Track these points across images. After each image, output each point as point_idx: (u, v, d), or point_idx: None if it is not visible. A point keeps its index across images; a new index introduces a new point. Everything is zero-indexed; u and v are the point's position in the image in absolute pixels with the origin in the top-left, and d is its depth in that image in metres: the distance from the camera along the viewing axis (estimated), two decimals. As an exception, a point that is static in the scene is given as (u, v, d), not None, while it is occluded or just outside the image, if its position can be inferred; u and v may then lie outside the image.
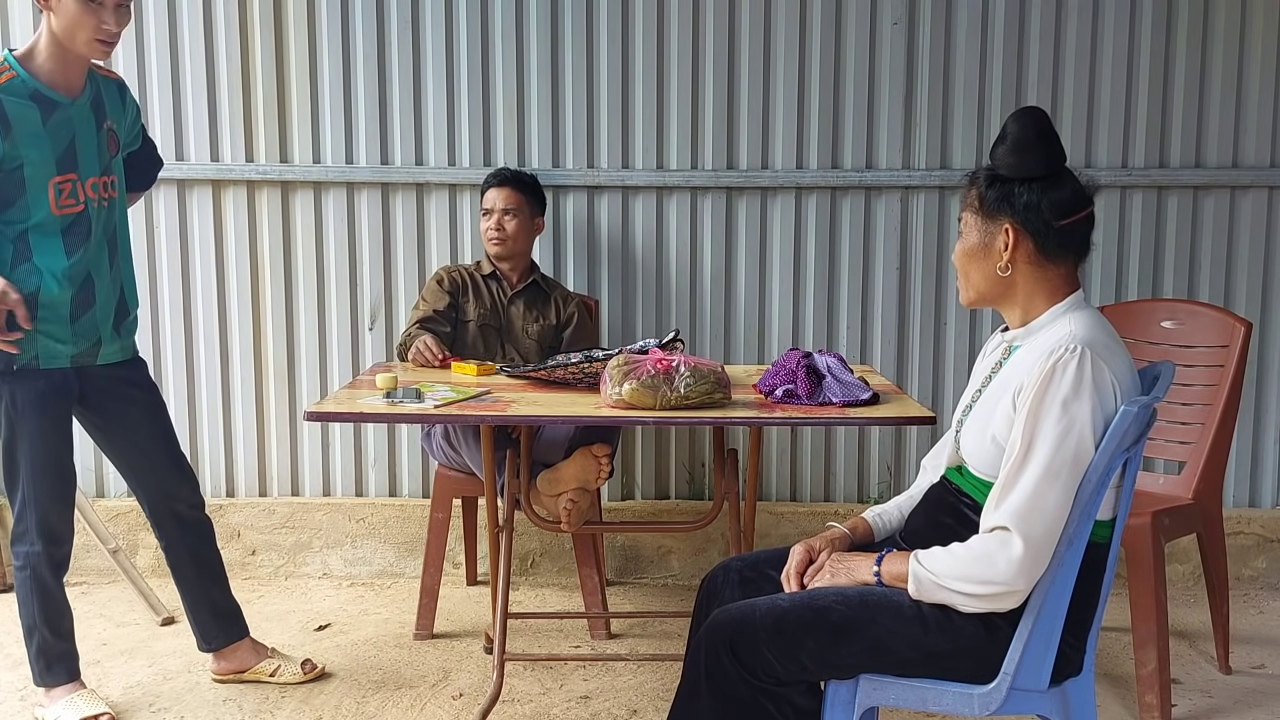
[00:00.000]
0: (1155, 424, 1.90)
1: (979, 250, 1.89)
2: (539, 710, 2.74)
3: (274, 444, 3.72)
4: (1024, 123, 1.87)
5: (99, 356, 2.63)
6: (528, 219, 3.32)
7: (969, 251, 1.91)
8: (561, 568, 3.67)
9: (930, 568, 1.79)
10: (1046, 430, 1.73)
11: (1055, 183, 1.85)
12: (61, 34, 2.45)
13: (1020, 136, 1.85)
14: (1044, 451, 1.73)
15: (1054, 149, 1.87)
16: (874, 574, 1.87)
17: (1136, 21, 3.53)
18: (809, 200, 3.61)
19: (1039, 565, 1.74)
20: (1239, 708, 2.78)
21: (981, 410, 1.90)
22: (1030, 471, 1.73)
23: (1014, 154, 1.86)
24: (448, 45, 3.58)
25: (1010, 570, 1.72)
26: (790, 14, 3.53)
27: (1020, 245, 1.85)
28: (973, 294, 1.94)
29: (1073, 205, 1.85)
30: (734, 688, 1.82)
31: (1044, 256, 1.85)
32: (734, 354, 3.67)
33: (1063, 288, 1.87)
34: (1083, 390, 1.73)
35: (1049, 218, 1.83)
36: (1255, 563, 3.64)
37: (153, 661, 3.04)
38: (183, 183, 3.62)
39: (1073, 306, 1.86)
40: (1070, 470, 1.73)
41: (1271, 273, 3.60)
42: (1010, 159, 1.86)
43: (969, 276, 1.92)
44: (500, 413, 2.42)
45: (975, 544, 1.77)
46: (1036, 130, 1.86)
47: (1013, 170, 1.86)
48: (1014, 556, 1.72)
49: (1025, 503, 1.73)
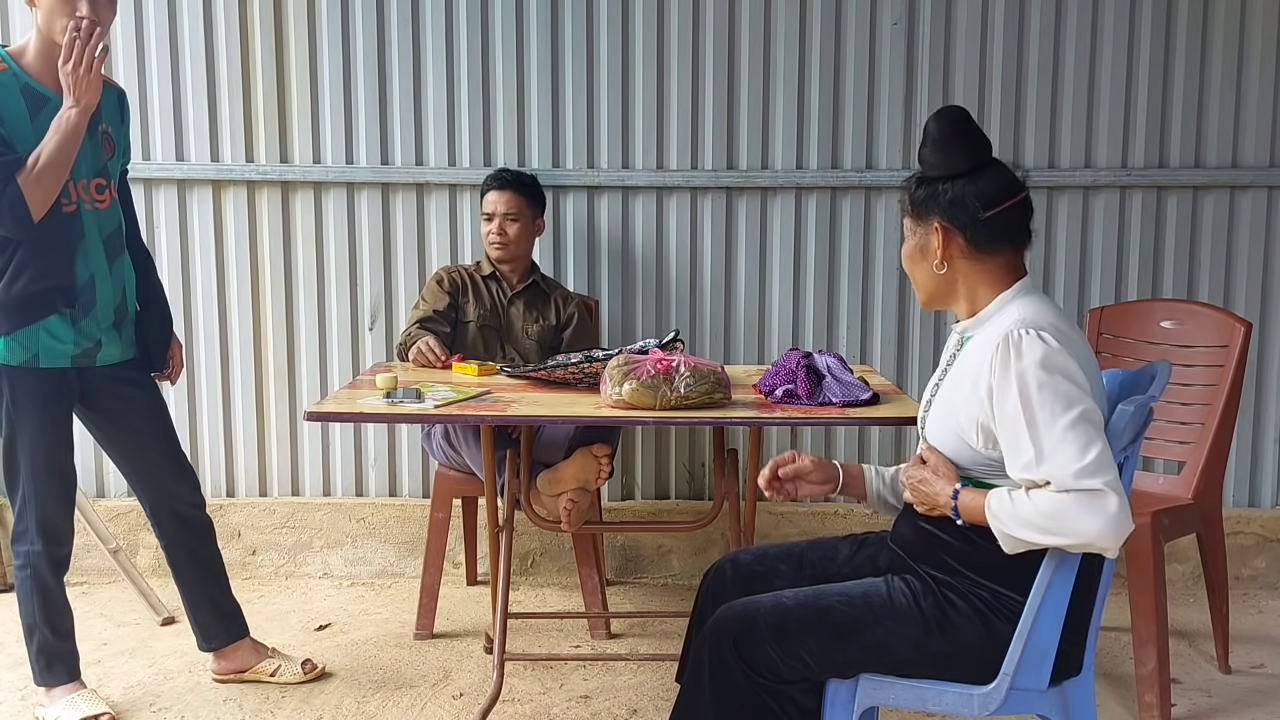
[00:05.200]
0: (1155, 424, 1.90)
1: (917, 252, 1.92)
2: (539, 710, 2.74)
3: (274, 444, 3.72)
4: (943, 121, 1.88)
5: (99, 357, 2.62)
6: (529, 222, 3.32)
7: (909, 254, 1.94)
8: (561, 567, 3.67)
9: (1005, 523, 1.74)
10: (1040, 403, 1.71)
11: (980, 175, 1.86)
12: (44, 26, 2.45)
13: (940, 135, 1.87)
14: (1061, 417, 1.70)
15: (975, 143, 1.88)
16: (953, 495, 1.82)
17: (1136, 21, 3.53)
18: (809, 200, 3.61)
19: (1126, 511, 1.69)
20: (1239, 707, 2.78)
21: (942, 406, 1.91)
22: (1057, 437, 1.69)
23: (937, 153, 1.87)
24: (448, 45, 3.58)
25: (1101, 526, 1.67)
26: (790, 14, 3.53)
27: (951, 242, 1.87)
28: (923, 295, 1.97)
29: (1000, 195, 1.85)
30: (737, 684, 1.83)
31: (977, 249, 1.86)
32: (734, 354, 3.67)
33: (1005, 277, 1.88)
34: (1050, 355, 1.73)
35: (975, 210, 1.84)
36: (1255, 562, 3.64)
37: (153, 661, 3.04)
38: (183, 183, 3.62)
39: (1018, 293, 1.87)
40: (1093, 427, 1.70)
41: (1271, 273, 3.60)
42: (934, 158, 1.88)
43: (915, 278, 1.96)
44: (500, 413, 2.42)
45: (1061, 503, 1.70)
46: (955, 127, 1.87)
47: (937, 169, 1.88)
48: (1110, 511, 1.66)
49: (1071, 461, 1.68)
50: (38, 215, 2.42)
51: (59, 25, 2.41)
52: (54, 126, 2.40)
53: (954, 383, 1.88)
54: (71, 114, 2.39)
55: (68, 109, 2.39)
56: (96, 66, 2.39)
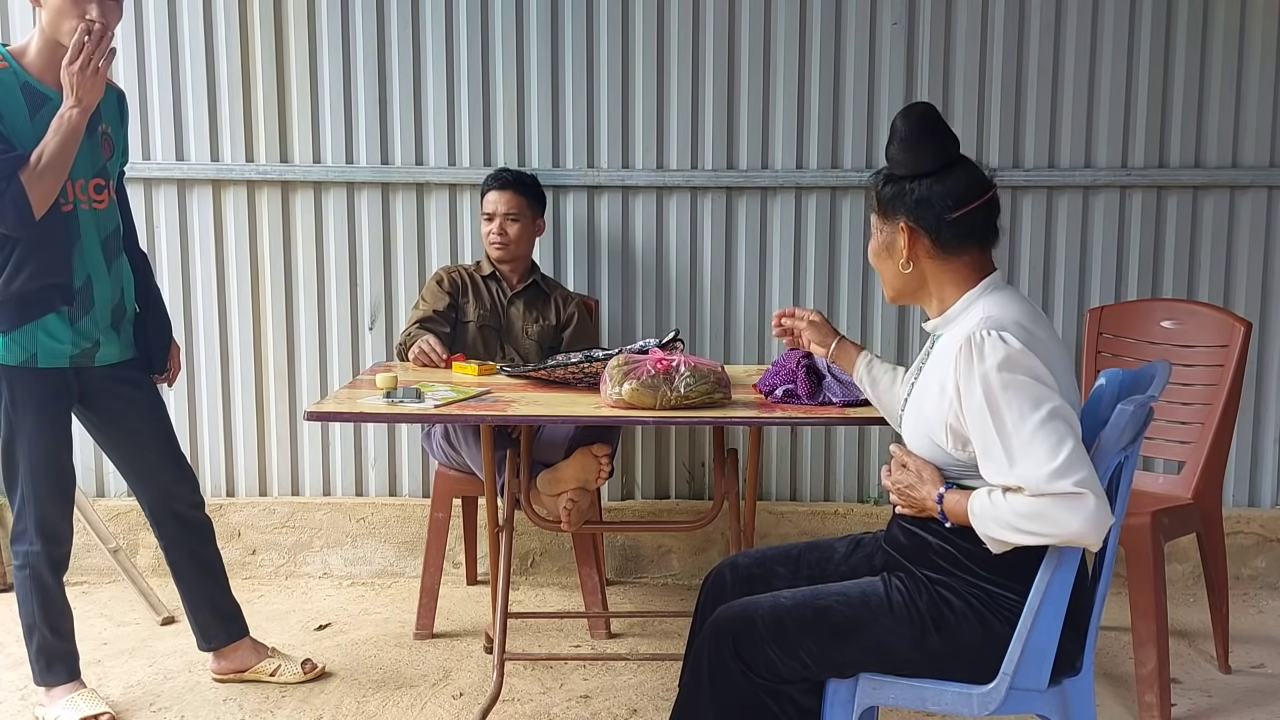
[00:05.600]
0: (1155, 424, 1.90)
1: (883, 250, 1.92)
2: (539, 710, 2.74)
3: (274, 444, 3.72)
4: (911, 120, 1.88)
5: (98, 357, 2.62)
6: (529, 222, 3.32)
7: (875, 252, 1.94)
8: (561, 567, 3.67)
9: (986, 525, 1.74)
10: (1007, 406, 1.69)
11: (947, 175, 1.85)
12: (49, 27, 2.45)
13: (909, 134, 1.87)
14: (1029, 420, 1.68)
15: (943, 142, 1.87)
16: (939, 500, 1.80)
17: (1136, 21, 3.53)
18: (809, 200, 3.61)
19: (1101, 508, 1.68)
20: (1239, 707, 2.78)
21: (914, 407, 1.91)
22: (1028, 440, 1.68)
23: (904, 151, 1.87)
24: (448, 45, 3.58)
25: (1080, 525, 1.66)
26: (790, 14, 3.53)
27: (917, 242, 1.87)
28: (889, 291, 1.97)
29: (967, 195, 1.85)
30: (736, 685, 1.83)
31: (943, 249, 1.86)
32: (734, 354, 3.67)
33: (972, 275, 1.88)
34: (1012, 356, 1.71)
35: (941, 211, 1.83)
36: (1255, 562, 3.64)
37: (153, 661, 3.05)
38: (183, 183, 3.63)
39: (984, 291, 1.86)
40: (1064, 424, 1.69)
41: (1271, 273, 3.60)
42: (901, 156, 1.88)
43: (882, 275, 1.96)
44: (500, 412, 2.42)
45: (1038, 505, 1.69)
46: (924, 126, 1.87)
47: (905, 167, 1.88)
48: (1088, 509, 1.66)
49: (1041, 464, 1.67)
50: (39, 213, 2.42)
51: (66, 26, 2.41)
52: (54, 126, 2.40)
53: (925, 383, 1.89)
54: (73, 114, 2.39)
55: (69, 108, 2.39)
56: (102, 69, 2.39)
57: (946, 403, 1.79)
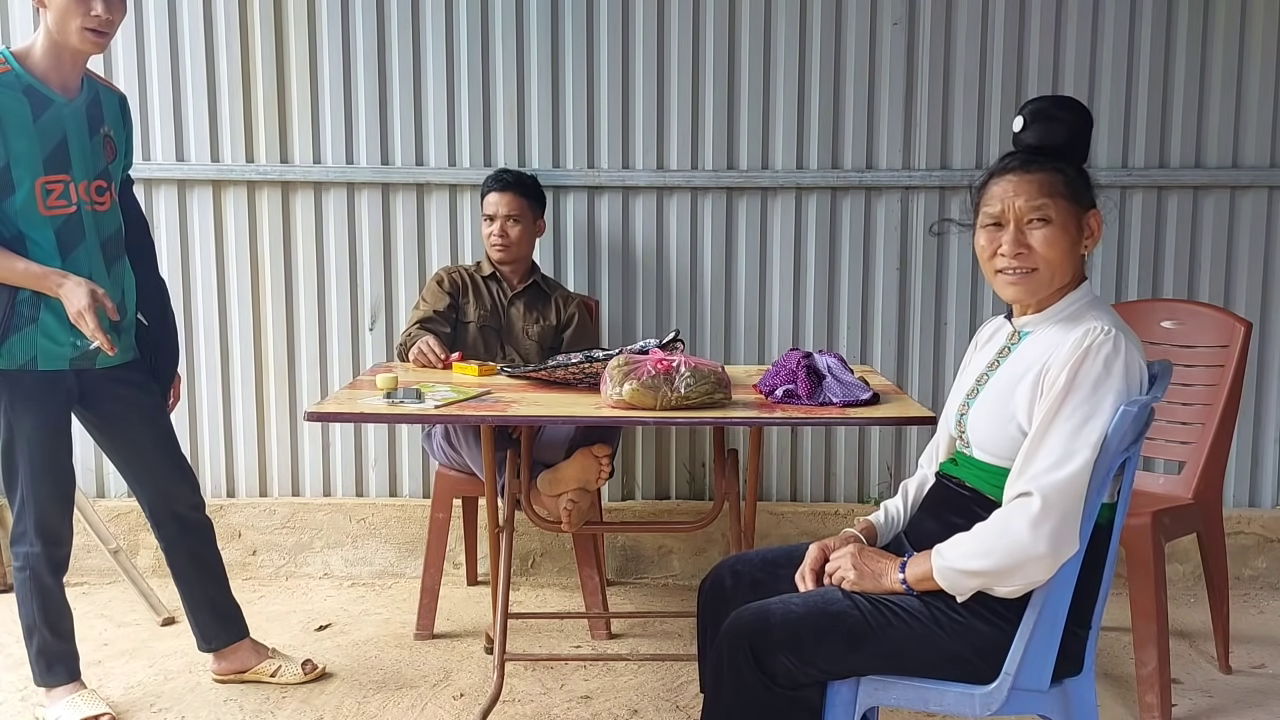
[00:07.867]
0: (1155, 424, 1.90)
1: (1068, 238, 1.85)
2: (539, 710, 2.74)
3: (274, 444, 3.72)
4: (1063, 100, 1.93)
5: (98, 359, 2.62)
6: (530, 223, 3.32)
7: (1056, 240, 1.84)
8: (562, 568, 3.67)
9: (949, 558, 1.78)
10: (1072, 408, 1.74)
11: None
12: (54, 27, 2.44)
13: (1076, 119, 1.90)
14: (1067, 426, 1.73)
15: None
16: (901, 582, 1.85)
17: (1136, 21, 3.53)
18: (809, 200, 3.61)
19: (1063, 533, 1.71)
20: (1239, 707, 2.78)
21: (992, 396, 1.89)
22: (1051, 442, 1.73)
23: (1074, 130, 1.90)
24: (448, 45, 3.58)
25: (1028, 533, 1.70)
26: (790, 14, 3.53)
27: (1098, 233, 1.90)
28: (1051, 284, 1.87)
29: None
30: (758, 694, 1.82)
31: None
32: (734, 354, 3.67)
33: (1079, 275, 1.91)
34: (1114, 373, 1.74)
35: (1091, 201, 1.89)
36: (1255, 563, 3.64)
37: (153, 662, 3.04)
38: (183, 183, 3.63)
39: (1091, 296, 1.89)
40: (1090, 448, 1.72)
41: (1271, 273, 3.60)
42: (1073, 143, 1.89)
43: (1054, 265, 1.85)
44: (501, 413, 2.42)
45: (994, 515, 1.77)
46: (1081, 116, 1.92)
47: (1077, 155, 1.91)
48: (1032, 513, 1.70)
49: (1046, 468, 1.72)
50: None
51: (72, 26, 2.41)
52: (36, 270, 2.43)
53: (1011, 376, 1.87)
54: (59, 290, 2.43)
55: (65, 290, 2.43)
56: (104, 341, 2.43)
57: (1038, 394, 1.80)
